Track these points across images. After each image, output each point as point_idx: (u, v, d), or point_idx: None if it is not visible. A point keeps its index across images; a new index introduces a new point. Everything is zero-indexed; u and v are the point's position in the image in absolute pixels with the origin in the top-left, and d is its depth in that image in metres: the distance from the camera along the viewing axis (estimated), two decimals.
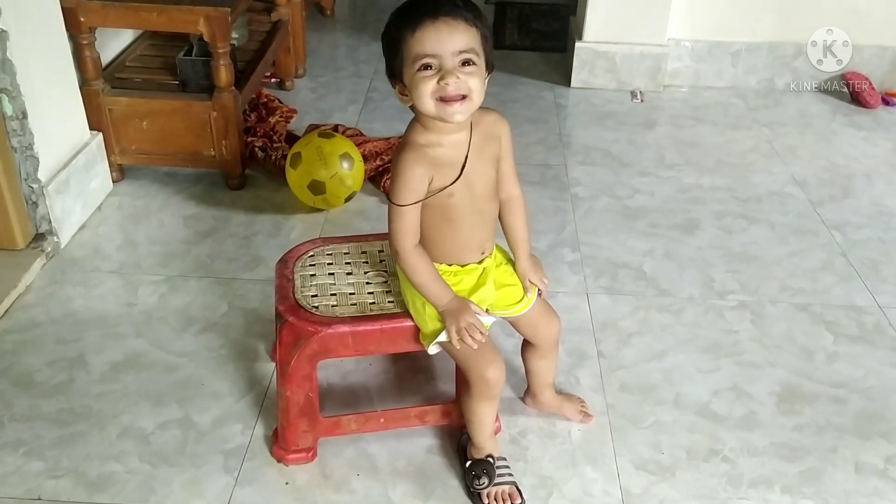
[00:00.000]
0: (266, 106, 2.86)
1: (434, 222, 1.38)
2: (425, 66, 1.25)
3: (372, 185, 2.49)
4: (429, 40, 1.24)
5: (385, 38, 1.31)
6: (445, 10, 1.24)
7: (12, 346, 1.82)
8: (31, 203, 2.07)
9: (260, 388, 1.72)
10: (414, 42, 1.25)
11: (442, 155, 1.33)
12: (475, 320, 1.38)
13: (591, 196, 2.49)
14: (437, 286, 1.39)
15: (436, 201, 1.35)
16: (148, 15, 2.23)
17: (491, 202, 1.43)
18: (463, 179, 1.35)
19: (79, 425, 1.62)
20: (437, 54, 1.24)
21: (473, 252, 1.44)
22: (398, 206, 1.34)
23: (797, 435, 1.65)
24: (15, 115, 1.97)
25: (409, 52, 1.26)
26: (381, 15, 4.11)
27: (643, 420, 1.68)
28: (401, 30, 1.26)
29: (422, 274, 1.38)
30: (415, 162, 1.32)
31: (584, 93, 3.21)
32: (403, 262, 1.38)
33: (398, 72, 1.30)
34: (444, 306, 1.39)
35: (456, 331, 1.37)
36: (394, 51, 1.29)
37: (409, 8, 1.27)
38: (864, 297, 2.06)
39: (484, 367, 1.40)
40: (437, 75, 1.25)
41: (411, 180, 1.32)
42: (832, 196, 2.52)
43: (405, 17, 1.26)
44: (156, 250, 2.17)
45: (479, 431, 1.49)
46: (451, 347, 1.41)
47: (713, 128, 2.97)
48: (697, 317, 1.98)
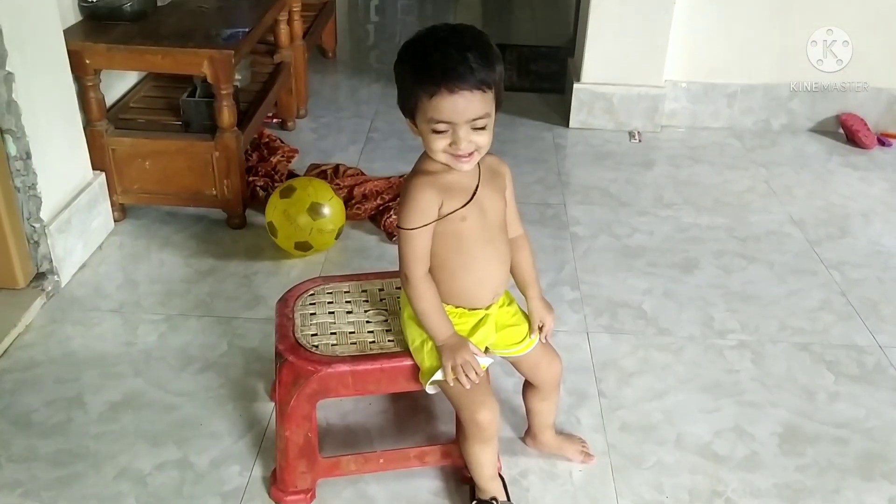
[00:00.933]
0: (268, 146, 2.89)
1: (447, 254, 1.38)
2: (438, 131, 1.27)
3: (372, 223, 2.50)
4: (445, 110, 1.25)
5: (399, 78, 1.30)
6: (464, 84, 1.23)
7: (11, 385, 1.81)
8: (32, 242, 2.08)
9: (259, 429, 1.71)
10: (429, 107, 1.25)
11: (453, 181, 1.34)
12: (472, 359, 1.38)
13: (591, 235, 2.50)
14: (440, 318, 1.39)
15: (448, 226, 1.35)
16: (153, 57, 2.26)
17: (502, 234, 1.44)
18: (475, 204, 1.35)
19: (76, 466, 1.61)
20: (452, 122, 1.26)
21: (486, 295, 1.44)
22: (408, 231, 1.34)
23: (800, 476, 1.64)
24: (19, 156, 1.99)
25: (423, 111, 1.26)
26: (383, 57, 4.20)
27: (645, 461, 1.66)
28: (416, 88, 1.26)
29: (427, 301, 1.38)
30: (424, 186, 1.33)
31: (583, 133, 3.24)
32: (412, 288, 1.38)
33: (410, 113, 1.31)
34: (443, 341, 1.39)
35: (452, 367, 1.37)
36: (407, 96, 1.29)
37: (425, 65, 1.25)
38: (864, 337, 2.06)
39: (475, 409, 1.39)
40: (449, 137, 1.27)
41: (421, 203, 1.32)
42: (830, 236, 2.54)
43: (422, 77, 1.25)
44: (156, 289, 2.17)
45: (478, 474, 1.48)
46: (446, 387, 1.40)
47: (710, 168, 2.99)
48: (698, 356, 1.98)
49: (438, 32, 1.28)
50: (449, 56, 1.23)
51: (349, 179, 2.69)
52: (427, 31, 1.29)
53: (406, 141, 3.09)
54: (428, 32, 1.28)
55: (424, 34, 1.28)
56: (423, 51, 1.26)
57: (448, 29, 1.28)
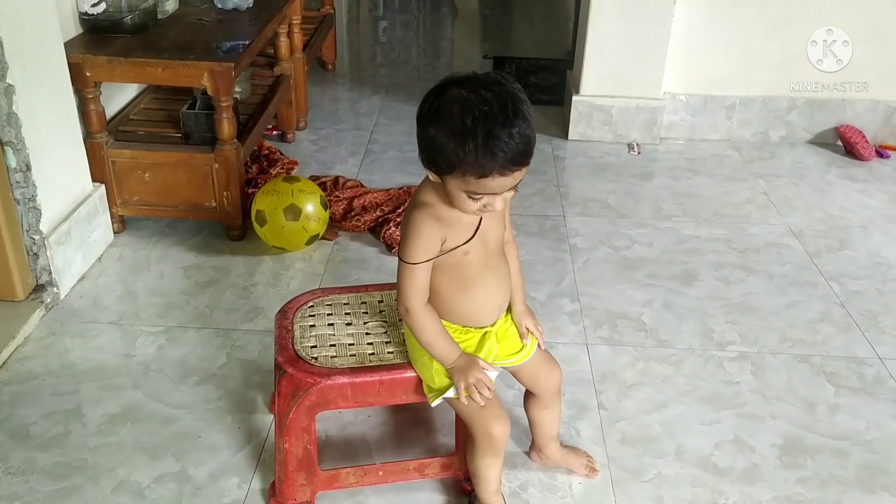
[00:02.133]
0: (267, 158, 2.89)
1: (451, 285, 1.37)
2: (476, 199, 1.23)
3: (371, 235, 2.51)
4: (490, 187, 1.20)
5: (433, 140, 1.20)
6: (517, 163, 1.18)
7: (9, 397, 1.81)
8: (31, 254, 2.08)
9: (258, 441, 1.71)
10: (475, 183, 1.19)
11: (455, 216, 1.32)
12: (484, 376, 1.37)
13: (590, 247, 2.50)
14: (446, 344, 1.38)
15: (451, 259, 1.34)
16: (153, 70, 2.27)
17: (501, 257, 1.44)
18: (478, 237, 1.35)
19: (74, 479, 1.60)
20: (497, 193, 1.23)
21: (489, 314, 1.43)
22: (410, 265, 1.32)
23: (800, 488, 1.63)
24: (19, 168, 1.99)
25: (463, 182, 1.20)
26: (381, 70, 4.21)
27: (645, 473, 1.66)
28: (459, 163, 1.18)
29: (430, 332, 1.37)
30: (428, 220, 1.30)
31: (582, 145, 3.25)
32: (413, 321, 1.36)
33: (438, 169, 1.24)
34: (453, 363, 1.38)
35: (465, 387, 1.36)
36: (443, 160, 1.20)
37: (477, 146, 1.15)
38: (864, 349, 2.06)
39: (490, 424, 1.40)
40: (483, 200, 1.24)
41: (424, 237, 1.30)
42: (829, 247, 2.54)
43: (472, 156, 1.16)
44: (155, 301, 2.17)
45: (484, 488, 1.48)
46: (457, 403, 1.40)
47: (709, 179, 3.00)
48: (697, 368, 1.97)
49: (482, 100, 1.16)
50: (508, 142, 1.16)
51: (348, 191, 2.69)
52: (467, 95, 1.17)
53: (405, 153, 3.10)
54: (469, 98, 1.17)
55: (465, 100, 1.17)
56: (473, 129, 1.16)
57: (489, 93, 1.17)
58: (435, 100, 1.21)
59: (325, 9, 3.95)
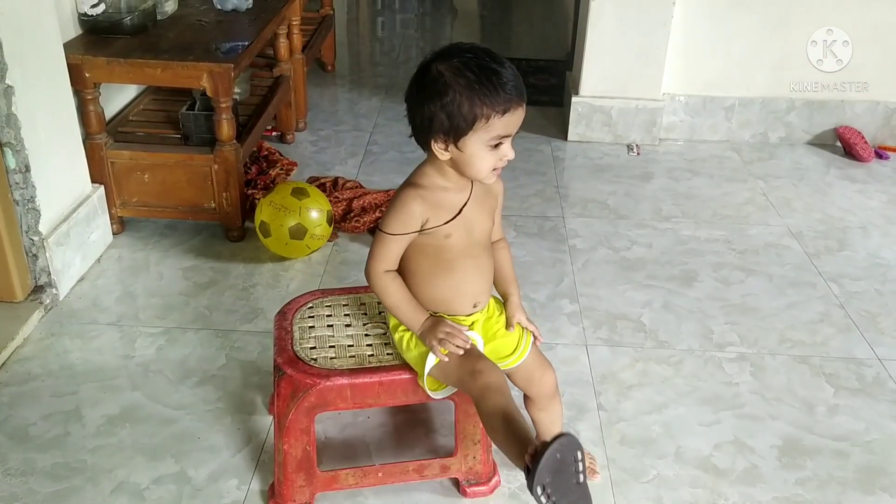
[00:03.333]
0: (267, 159, 2.89)
1: (428, 267, 1.40)
2: (497, 146, 1.29)
3: (371, 236, 2.50)
4: (513, 123, 1.28)
5: (454, 98, 1.26)
6: (524, 94, 1.28)
7: (8, 398, 1.81)
8: (31, 255, 2.08)
9: (257, 442, 1.71)
10: (500, 123, 1.27)
11: (444, 199, 1.37)
12: (453, 328, 1.39)
13: (589, 248, 2.50)
14: (411, 308, 1.41)
15: (430, 240, 1.37)
16: (152, 71, 2.27)
17: (486, 251, 1.45)
18: (462, 222, 1.37)
19: (73, 480, 1.60)
20: (511, 134, 1.30)
21: (464, 302, 1.44)
22: (385, 234, 1.37)
23: (800, 489, 1.63)
24: (18, 169, 1.99)
25: (491, 128, 1.27)
26: (381, 70, 4.21)
27: (644, 474, 1.66)
28: (484, 107, 1.25)
29: (394, 295, 1.40)
30: (414, 198, 1.35)
31: (581, 146, 3.25)
32: (374, 285, 1.41)
33: (457, 133, 1.28)
34: (421, 327, 1.40)
35: (439, 342, 1.37)
36: (465, 116, 1.26)
37: (492, 84, 1.25)
38: (864, 350, 2.06)
39: (482, 377, 1.33)
40: (499, 151, 1.30)
41: (407, 213, 1.35)
42: (828, 248, 2.54)
43: (493, 97, 1.25)
44: (154, 302, 2.17)
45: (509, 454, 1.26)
46: (447, 372, 1.39)
47: (709, 180, 3.00)
48: (697, 369, 1.97)
49: (467, 53, 1.28)
50: (513, 72, 1.27)
51: (348, 192, 2.69)
52: (453, 58, 1.27)
53: (405, 154, 3.10)
54: (458, 59, 1.27)
55: (456, 60, 1.27)
56: (482, 74, 1.25)
57: (468, 50, 1.29)
58: (426, 76, 1.29)
59: (325, 10, 3.95)
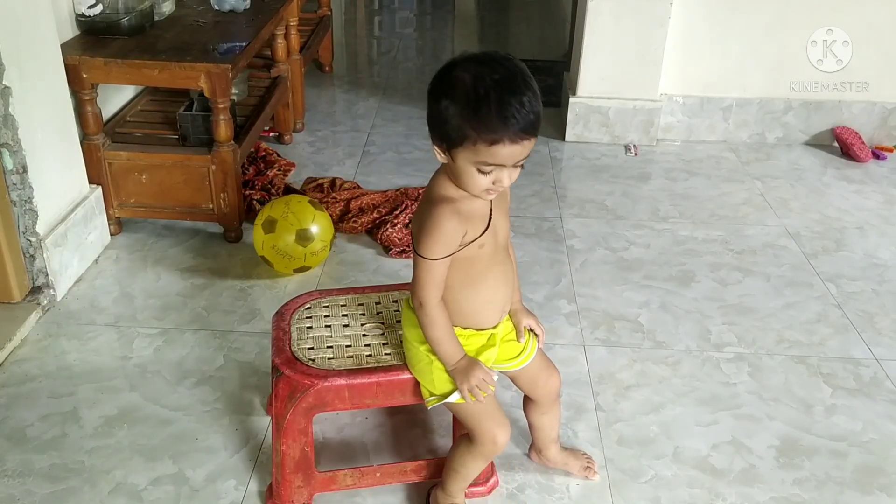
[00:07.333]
0: (265, 159, 2.89)
1: (459, 280, 1.36)
2: (486, 172, 1.23)
3: (369, 237, 2.51)
4: (501, 156, 1.21)
5: (443, 111, 1.22)
6: (530, 135, 1.20)
7: (6, 399, 1.81)
8: (28, 256, 2.08)
9: (255, 443, 1.71)
10: (486, 152, 1.20)
11: (474, 208, 1.32)
12: (486, 376, 1.37)
13: (587, 248, 2.51)
14: (452, 344, 1.37)
15: (466, 253, 1.33)
16: (150, 72, 2.26)
17: (508, 256, 1.44)
18: (490, 229, 1.34)
19: (71, 481, 1.60)
20: (503, 165, 1.23)
21: (493, 313, 1.42)
22: (430, 261, 1.30)
23: (797, 490, 1.63)
24: (15, 170, 1.99)
25: (475, 153, 1.21)
26: (379, 71, 4.21)
27: (642, 474, 1.66)
28: (471, 131, 1.19)
29: (441, 329, 1.36)
30: (450, 215, 1.28)
31: (579, 146, 3.25)
32: (426, 315, 1.35)
33: (449, 142, 1.24)
34: (455, 365, 1.38)
35: (468, 389, 1.36)
36: (454, 132, 1.21)
37: (491, 113, 1.18)
38: (861, 350, 2.06)
39: (496, 430, 1.40)
40: (493, 175, 1.24)
41: (447, 233, 1.28)
42: (826, 248, 2.54)
43: (484, 124, 1.18)
44: (152, 303, 2.16)
45: (459, 486, 1.51)
46: (458, 406, 1.40)
47: (706, 181, 3.00)
48: (695, 369, 1.98)
49: (494, 70, 1.20)
50: (529, 108, 1.19)
51: (346, 193, 2.69)
52: (478, 67, 1.21)
53: (402, 154, 3.10)
54: (481, 69, 1.20)
55: (477, 71, 1.20)
56: (486, 95, 1.18)
57: (499, 66, 1.21)
58: (446, 73, 1.24)
59: (322, 10, 3.95)
